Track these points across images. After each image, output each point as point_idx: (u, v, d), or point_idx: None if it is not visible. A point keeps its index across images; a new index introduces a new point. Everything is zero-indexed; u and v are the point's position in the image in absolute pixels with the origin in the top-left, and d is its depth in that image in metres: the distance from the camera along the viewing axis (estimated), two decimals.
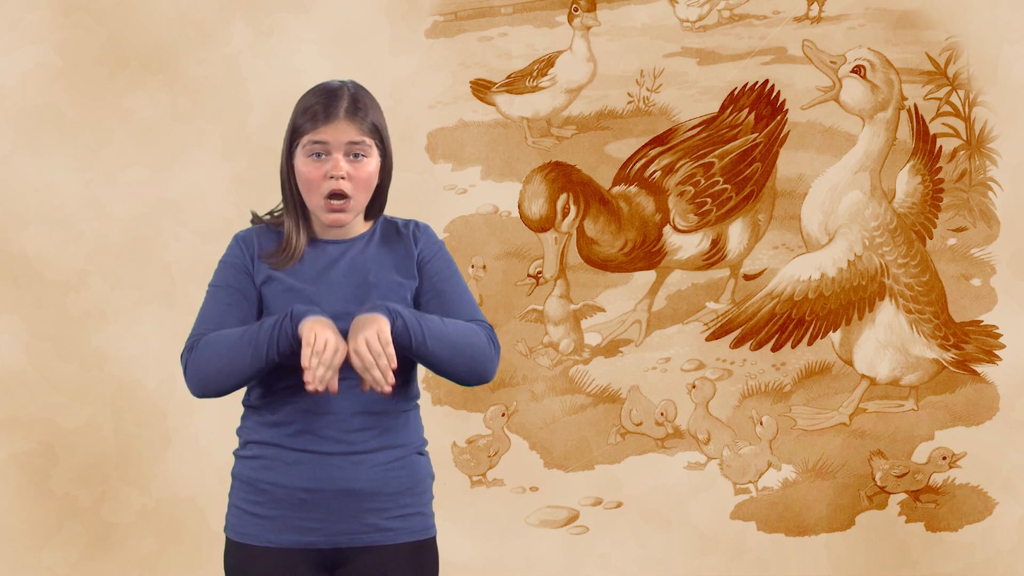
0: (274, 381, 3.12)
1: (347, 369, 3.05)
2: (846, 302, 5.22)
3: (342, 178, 3.11)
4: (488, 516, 5.21)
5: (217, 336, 3.09)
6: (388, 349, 2.99)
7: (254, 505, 3.12)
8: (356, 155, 3.13)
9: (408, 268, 3.19)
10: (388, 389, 3.00)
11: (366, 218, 3.22)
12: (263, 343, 3.04)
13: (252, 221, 3.25)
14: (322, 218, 3.15)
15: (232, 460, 3.20)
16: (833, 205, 5.23)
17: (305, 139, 3.13)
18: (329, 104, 3.13)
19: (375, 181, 3.17)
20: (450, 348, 3.09)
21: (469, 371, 3.14)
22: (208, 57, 5.16)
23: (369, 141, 3.14)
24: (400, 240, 3.20)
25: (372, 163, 3.15)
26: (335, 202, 3.13)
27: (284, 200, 3.20)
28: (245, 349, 3.05)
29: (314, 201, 3.14)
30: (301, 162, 3.14)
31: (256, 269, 3.16)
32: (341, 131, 3.12)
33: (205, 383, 3.10)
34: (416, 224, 3.24)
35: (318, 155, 3.13)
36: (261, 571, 3.10)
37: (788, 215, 5.25)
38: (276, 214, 3.23)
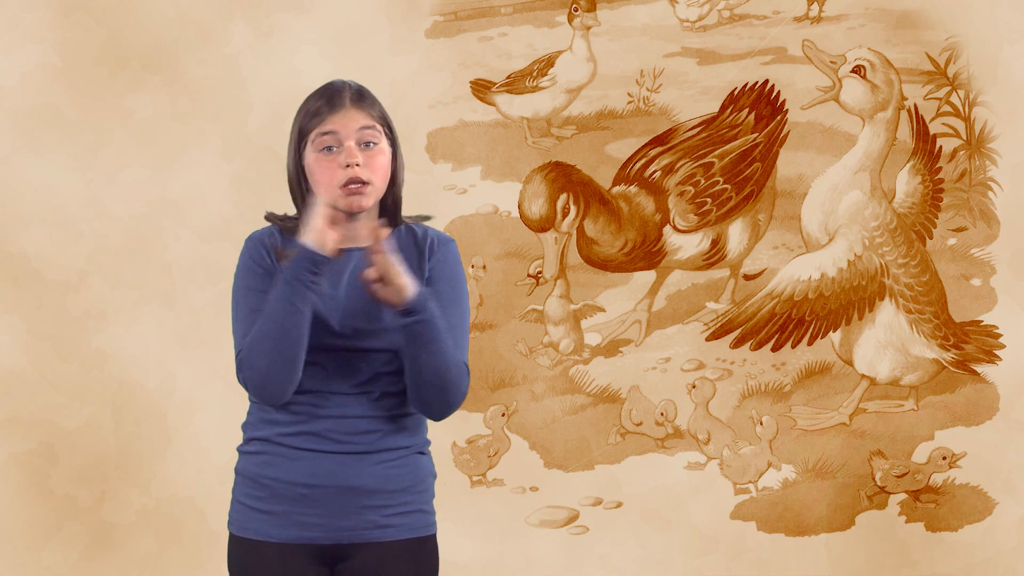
0: None
1: (358, 381, 3.07)
2: (846, 302, 5.22)
3: (358, 164, 3.04)
4: (488, 516, 5.21)
5: (251, 338, 3.02)
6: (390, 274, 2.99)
7: (256, 500, 3.12)
8: (368, 143, 3.06)
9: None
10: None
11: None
12: (293, 299, 2.98)
13: (267, 218, 3.17)
14: (340, 204, 3.04)
15: (234, 456, 3.20)
16: (833, 205, 5.23)
17: (313, 134, 3.06)
18: (333, 96, 3.07)
19: (390, 170, 3.10)
20: (438, 371, 3.06)
21: (439, 400, 3.09)
22: (208, 57, 5.16)
23: (379, 128, 3.08)
24: (415, 251, 3.14)
25: (385, 152, 3.08)
26: (353, 186, 3.04)
27: (297, 209, 3.12)
28: (280, 323, 2.98)
29: (331, 194, 3.05)
30: (313, 159, 3.07)
31: (276, 267, 3.08)
32: (350, 118, 3.06)
33: (269, 385, 3.03)
34: (438, 239, 3.15)
35: (329, 148, 3.05)
36: (263, 566, 3.10)
37: (788, 215, 5.25)
38: (293, 217, 3.14)
